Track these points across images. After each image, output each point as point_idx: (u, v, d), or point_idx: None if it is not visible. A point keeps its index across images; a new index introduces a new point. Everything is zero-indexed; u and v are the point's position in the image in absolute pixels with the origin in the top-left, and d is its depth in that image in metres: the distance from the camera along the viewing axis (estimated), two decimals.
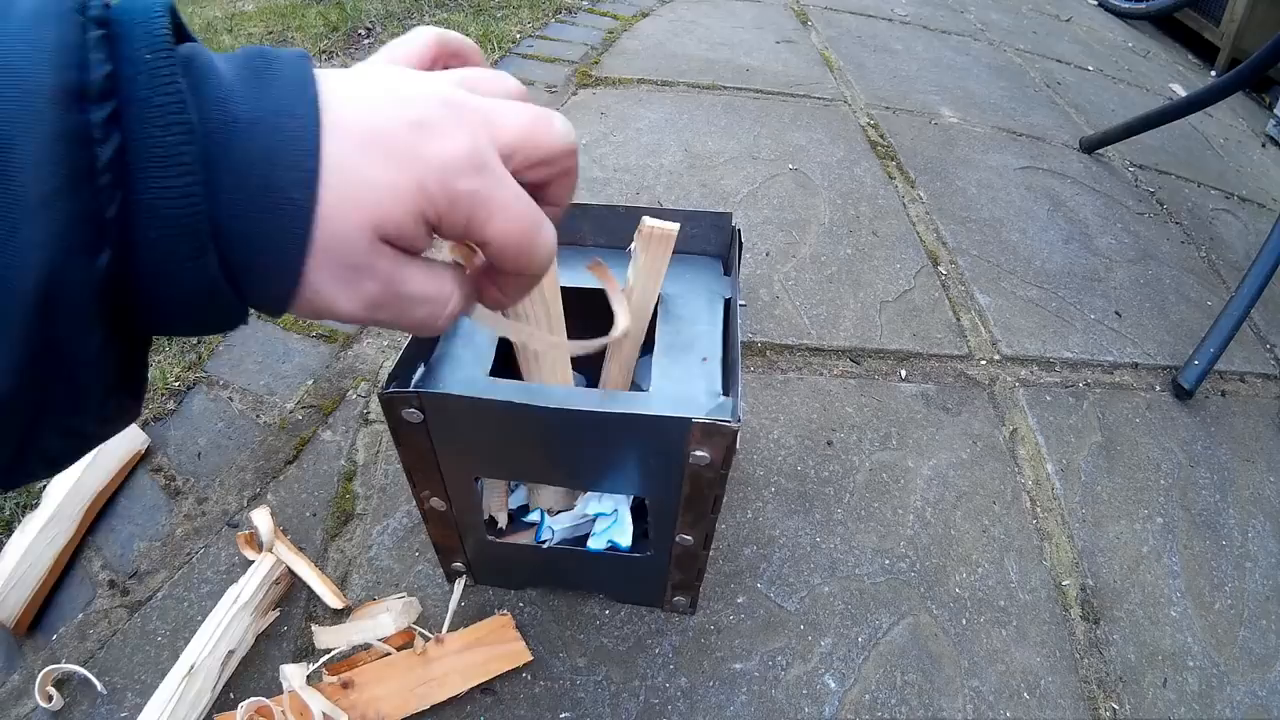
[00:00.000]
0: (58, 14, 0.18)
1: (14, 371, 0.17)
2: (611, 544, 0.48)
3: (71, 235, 0.17)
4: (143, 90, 0.19)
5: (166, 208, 0.19)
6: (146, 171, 0.19)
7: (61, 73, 0.17)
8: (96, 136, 0.18)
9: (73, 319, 0.18)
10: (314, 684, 0.48)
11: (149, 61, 0.19)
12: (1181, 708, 0.56)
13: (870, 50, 1.53)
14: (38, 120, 0.17)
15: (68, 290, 0.18)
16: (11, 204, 0.16)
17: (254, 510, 0.58)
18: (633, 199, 0.98)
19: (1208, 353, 0.81)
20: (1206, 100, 1.08)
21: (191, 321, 0.22)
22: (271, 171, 0.21)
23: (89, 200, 0.18)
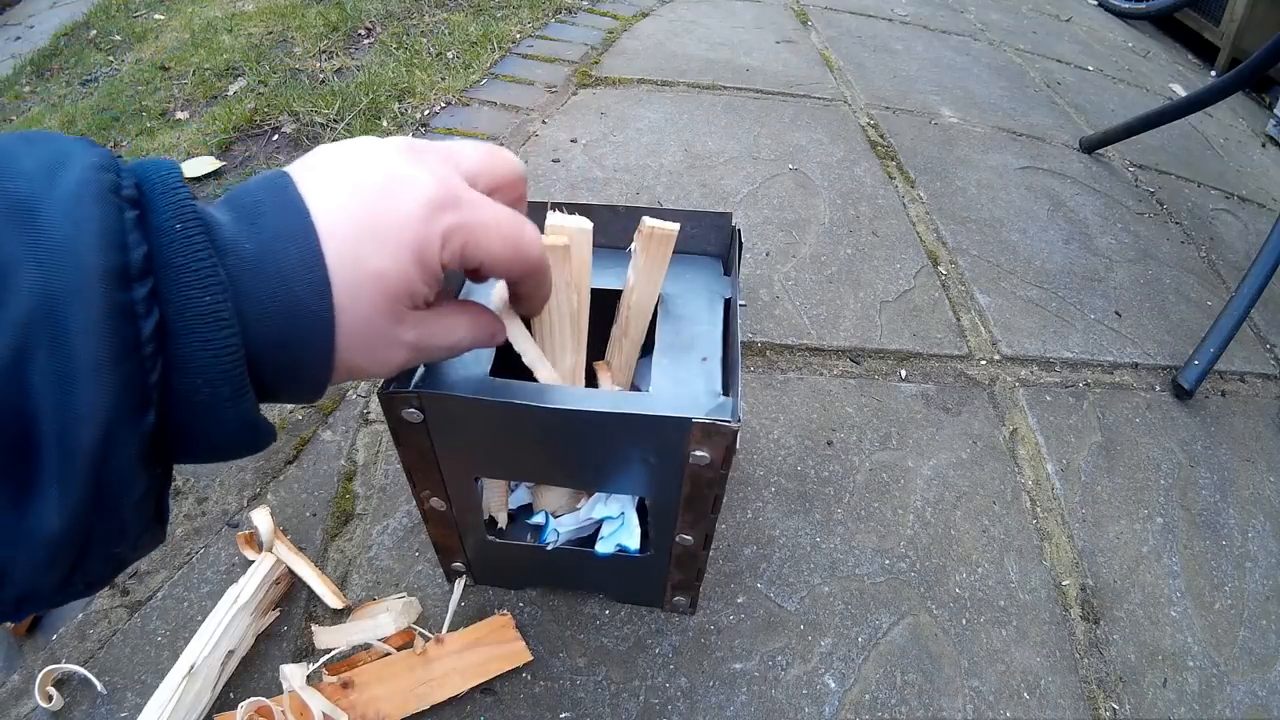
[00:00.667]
0: (98, 195, 0.20)
1: (73, 514, 0.19)
2: (620, 547, 0.48)
3: (122, 400, 0.19)
4: (179, 258, 0.21)
5: (209, 360, 0.21)
6: (190, 331, 0.21)
7: (107, 255, 0.19)
8: (140, 312, 0.20)
9: (122, 469, 0.20)
10: (314, 684, 0.48)
11: (180, 231, 0.21)
12: (1181, 708, 0.56)
13: (870, 50, 1.53)
14: (88, 299, 0.19)
15: (119, 446, 0.20)
16: (69, 372, 0.18)
17: (254, 510, 0.58)
18: (633, 199, 0.98)
19: (1208, 353, 0.81)
20: (1206, 100, 1.08)
21: (226, 452, 0.24)
22: (290, 292, 0.24)
23: (135, 369, 0.20)
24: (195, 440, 0.23)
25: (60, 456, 0.19)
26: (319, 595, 0.55)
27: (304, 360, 0.25)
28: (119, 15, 1.73)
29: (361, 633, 0.51)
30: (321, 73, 1.29)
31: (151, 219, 0.21)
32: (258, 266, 0.23)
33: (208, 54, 1.40)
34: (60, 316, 0.18)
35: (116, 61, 1.51)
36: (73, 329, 0.18)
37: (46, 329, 0.18)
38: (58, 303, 0.18)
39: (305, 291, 0.24)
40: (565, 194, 0.98)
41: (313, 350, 0.25)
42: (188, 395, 0.21)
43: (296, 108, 1.15)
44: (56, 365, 0.18)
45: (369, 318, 0.26)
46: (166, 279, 0.21)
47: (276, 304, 0.23)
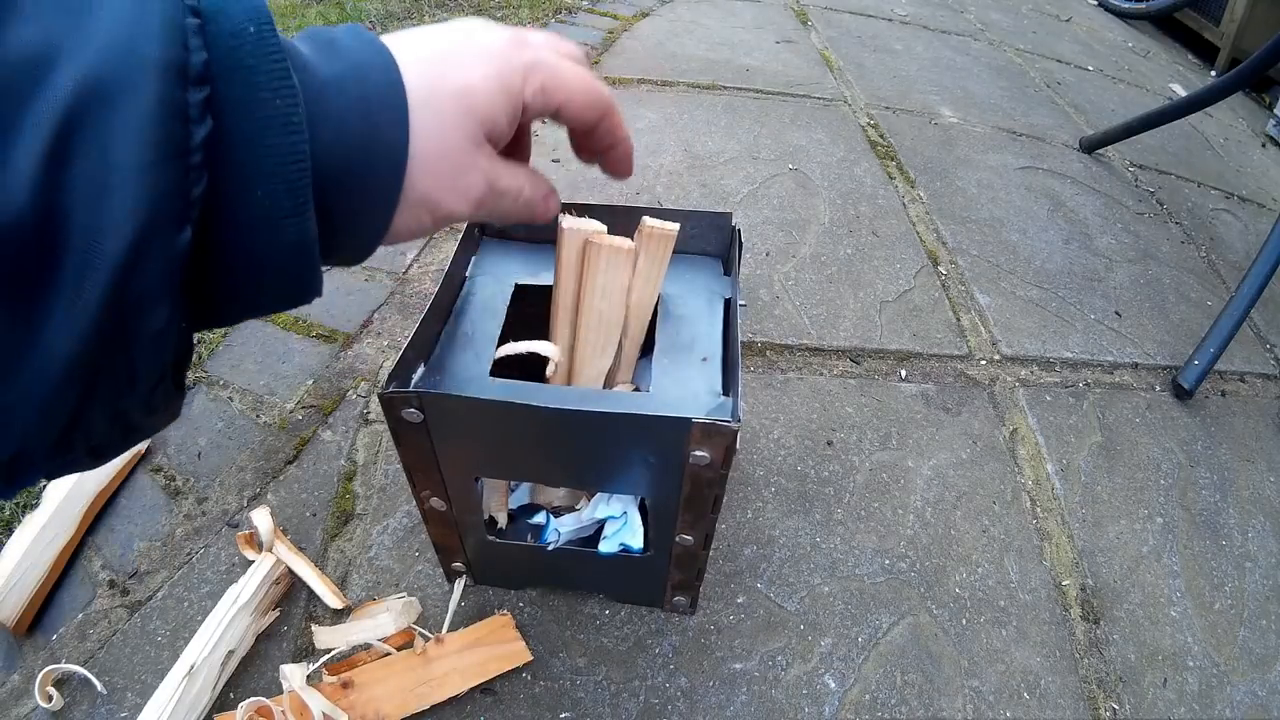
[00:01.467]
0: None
1: (83, 336, 0.17)
2: (624, 547, 0.48)
3: (161, 207, 0.18)
4: (250, 59, 0.19)
5: (273, 167, 0.20)
6: (256, 134, 0.19)
7: (166, 49, 0.18)
8: (193, 116, 0.18)
9: (146, 290, 0.18)
10: (314, 684, 0.48)
11: (254, 34, 0.20)
12: (1181, 708, 0.56)
13: (870, 50, 1.53)
14: (142, 89, 0.17)
15: (148, 260, 0.18)
16: (109, 168, 0.17)
17: (254, 510, 0.58)
18: (633, 199, 0.98)
19: (1208, 353, 0.81)
20: (1206, 100, 1.08)
21: (269, 291, 0.22)
22: (366, 116, 0.23)
23: (180, 176, 0.18)
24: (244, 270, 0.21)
25: (81, 263, 0.17)
26: (319, 595, 0.55)
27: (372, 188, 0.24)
28: None
29: (361, 633, 0.51)
30: None
31: (221, 24, 0.19)
32: (336, 86, 0.22)
33: None
34: (106, 107, 0.17)
35: None
36: (117, 122, 0.17)
37: (90, 120, 0.17)
38: (106, 91, 0.17)
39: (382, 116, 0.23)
40: (565, 194, 0.98)
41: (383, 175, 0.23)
42: (243, 209, 0.20)
43: None
44: (94, 160, 0.17)
45: (447, 135, 0.25)
46: (233, 81, 0.19)
47: (349, 126, 0.22)
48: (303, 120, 0.20)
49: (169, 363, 0.21)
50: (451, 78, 0.25)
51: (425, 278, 0.85)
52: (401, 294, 0.83)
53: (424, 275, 0.85)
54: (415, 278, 0.85)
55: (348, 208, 0.23)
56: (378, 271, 0.85)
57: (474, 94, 0.25)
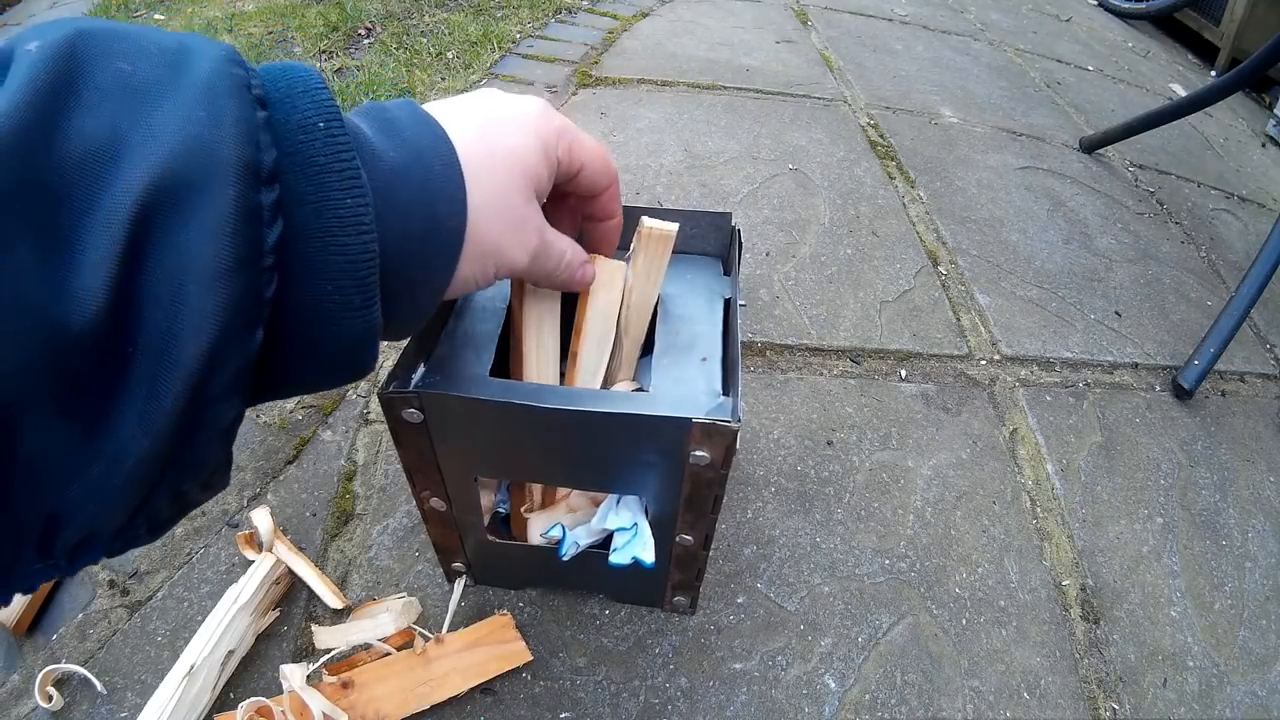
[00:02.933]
0: (233, 89, 0.17)
1: (155, 435, 0.17)
2: (635, 560, 0.47)
3: (236, 313, 0.17)
4: (321, 156, 0.19)
5: (343, 266, 0.20)
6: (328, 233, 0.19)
7: (241, 149, 0.17)
8: (266, 218, 0.18)
9: (219, 391, 0.18)
10: (314, 684, 0.48)
11: (324, 130, 0.19)
12: (1181, 708, 0.56)
13: (870, 50, 1.53)
14: (218, 192, 0.16)
15: (222, 365, 0.17)
16: (185, 272, 0.16)
17: (254, 510, 0.58)
18: (633, 199, 0.98)
19: (1208, 353, 0.81)
20: (1206, 100, 1.08)
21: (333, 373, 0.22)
22: (432, 209, 0.24)
23: (254, 280, 0.18)
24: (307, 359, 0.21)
25: (155, 370, 0.16)
26: (319, 595, 0.55)
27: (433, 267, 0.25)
28: (119, 15, 1.73)
29: (361, 633, 0.51)
30: (321, 72, 1.29)
31: (288, 118, 0.19)
32: (402, 176, 0.22)
33: None
34: (181, 209, 0.16)
35: None
36: (193, 226, 0.16)
37: (164, 223, 0.16)
38: (180, 193, 0.16)
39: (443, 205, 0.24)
40: None
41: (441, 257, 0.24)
42: (311, 306, 0.19)
43: None
44: (170, 264, 0.16)
45: (504, 190, 0.27)
46: (302, 178, 0.19)
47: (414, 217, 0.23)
48: (372, 219, 0.20)
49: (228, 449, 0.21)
50: (500, 142, 0.27)
51: None
52: None
53: None
54: None
55: (409, 286, 0.24)
56: None
57: (522, 154, 0.28)
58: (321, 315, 0.20)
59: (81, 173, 0.15)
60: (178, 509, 0.21)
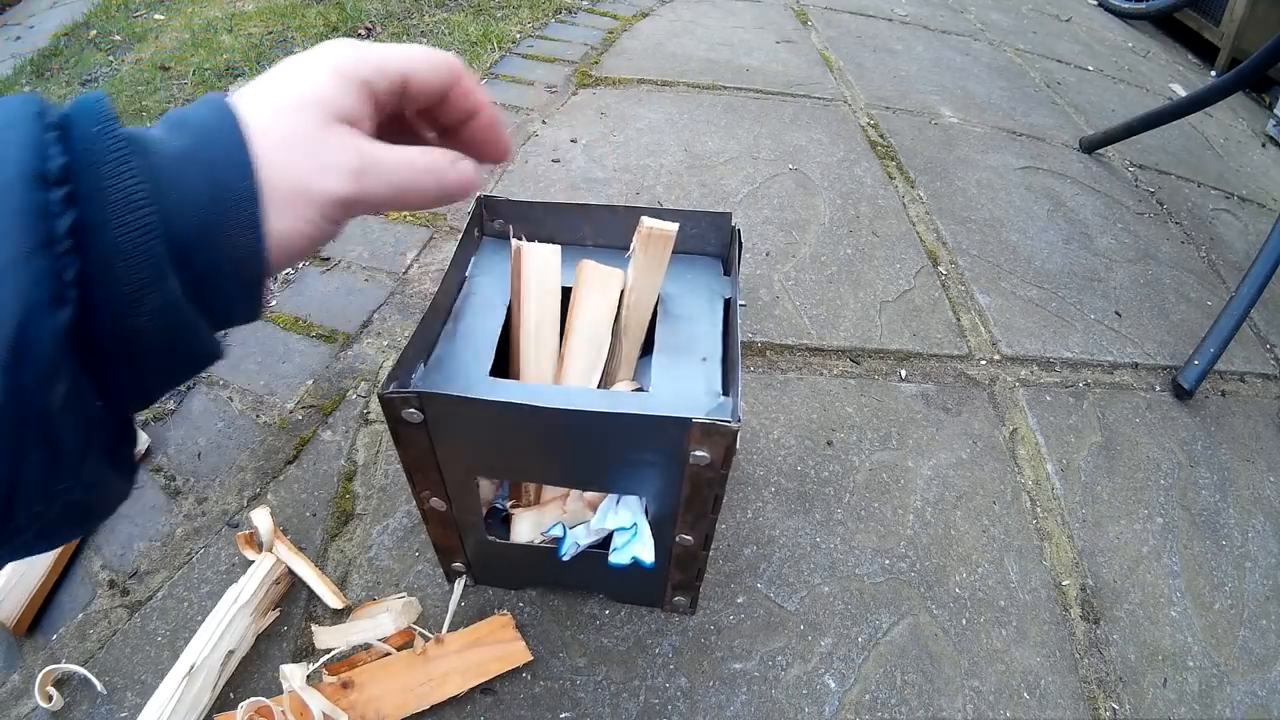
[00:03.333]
0: (21, 120, 0.22)
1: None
2: (634, 560, 0.47)
3: (36, 294, 0.20)
4: (95, 154, 0.22)
5: (127, 244, 0.22)
6: (108, 216, 0.22)
7: (23, 164, 0.21)
8: (55, 211, 0.21)
9: (40, 366, 0.21)
10: (314, 684, 0.48)
11: (98, 132, 0.23)
12: (1181, 708, 0.56)
13: (870, 50, 1.53)
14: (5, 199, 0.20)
15: (34, 342, 0.20)
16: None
17: (254, 510, 0.58)
18: (633, 199, 0.98)
19: (1208, 353, 0.81)
20: (1206, 100, 1.08)
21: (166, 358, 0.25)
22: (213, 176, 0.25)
23: (50, 264, 0.21)
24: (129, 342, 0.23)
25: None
26: (319, 595, 0.55)
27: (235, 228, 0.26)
28: (119, 15, 1.73)
29: (361, 633, 0.51)
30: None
31: (75, 132, 0.23)
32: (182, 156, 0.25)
33: (208, 54, 1.40)
34: None
35: (116, 61, 1.51)
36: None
37: None
38: None
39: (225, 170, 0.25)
40: (565, 194, 0.98)
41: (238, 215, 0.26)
42: (113, 286, 0.22)
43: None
44: None
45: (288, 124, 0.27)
46: (85, 178, 0.22)
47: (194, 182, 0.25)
48: (146, 196, 0.23)
49: (90, 436, 0.23)
50: (284, 84, 0.28)
51: (425, 278, 0.85)
52: (401, 294, 0.83)
53: (424, 275, 0.85)
54: (415, 278, 0.85)
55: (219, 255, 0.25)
56: (378, 272, 0.85)
57: (309, 87, 0.28)
58: (123, 296, 0.22)
59: None
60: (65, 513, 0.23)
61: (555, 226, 0.52)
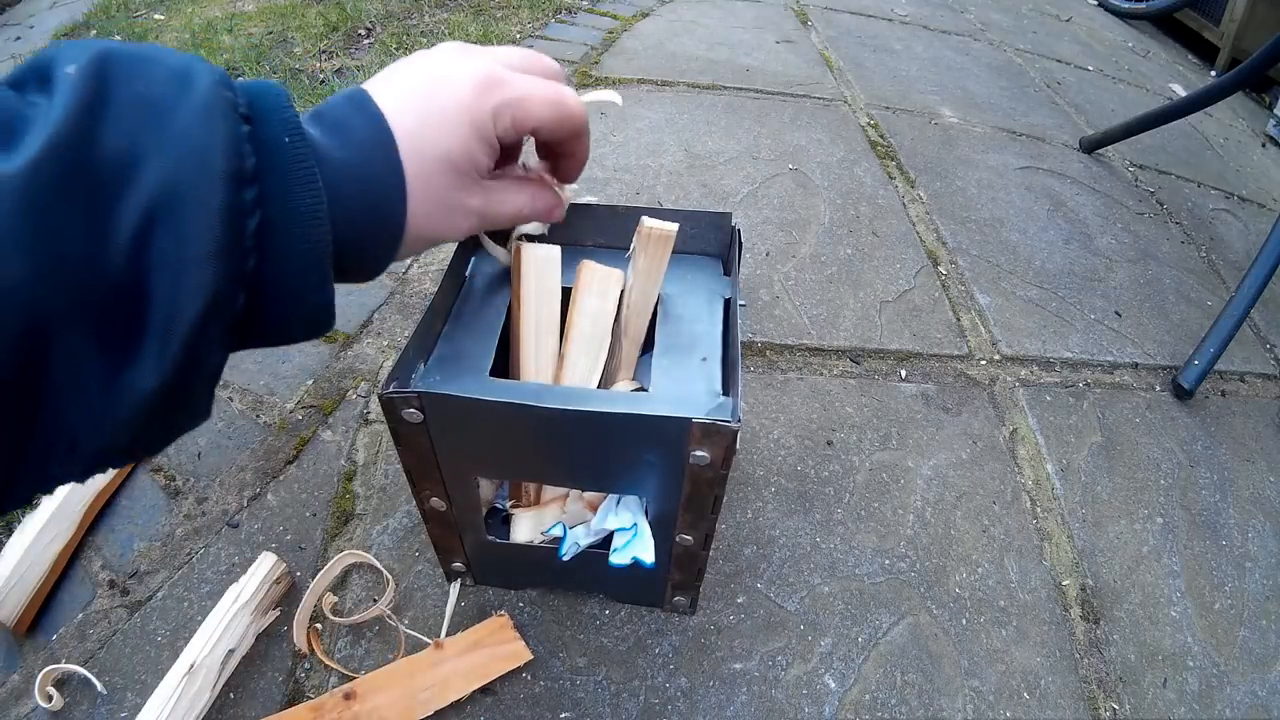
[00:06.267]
0: (224, 111, 0.23)
1: (165, 374, 0.22)
2: (635, 560, 0.47)
3: (222, 285, 0.22)
4: (287, 164, 0.24)
5: (305, 252, 0.25)
6: (292, 226, 0.24)
7: (230, 160, 0.22)
8: (247, 210, 0.23)
9: (210, 342, 0.23)
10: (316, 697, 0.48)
11: (289, 145, 0.25)
12: (1181, 708, 0.56)
13: (870, 50, 1.53)
14: (210, 192, 0.22)
15: (213, 322, 0.23)
16: (183, 252, 0.21)
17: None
18: (633, 199, 0.98)
19: (1208, 353, 0.81)
20: (1206, 100, 1.08)
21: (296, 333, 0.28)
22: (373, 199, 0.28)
23: (238, 258, 0.23)
24: (277, 322, 0.26)
25: (165, 325, 0.21)
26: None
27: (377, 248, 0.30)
28: (119, 15, 1.73)
29: None
30: (321, 73, 1.29)
31: (263, 132, 0.24)
32: (349, 173, 0.27)
33: (208, 54, 1.40)
34: (183, 205, 0.21)
35: None
36: (190, 218, 0.21)
37: (169, 216, 0.21)
38: (182, 193, 0.21)
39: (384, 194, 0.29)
40: None
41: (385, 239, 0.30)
42: (282, 282, 0.25)
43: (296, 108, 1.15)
44: (174, 245, 0.21)
45: (434, 189, 0.30)
46: (274, 183, 0.24)
47: (360, 205, 0.28)
48: (326, 214, 0.25)
49: (213, 386, 0.26)
50: (432, 141, 0.30)
51: (425, 278, 0.85)
52: (401, 294, 0.83)
53: (424, 275, 0.85)
54: (415, 278, 0.85)
55: (359, 263, 0.29)
56: None
57: (453, 153, 0.31)
58: (289, 290, 0.25)
59: (112, 170, 0.20)
60: (166, 433, 0.26)
61: (555, 226, 0.52)
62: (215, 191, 0.22)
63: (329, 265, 0.26)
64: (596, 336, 0.46)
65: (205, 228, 0.21)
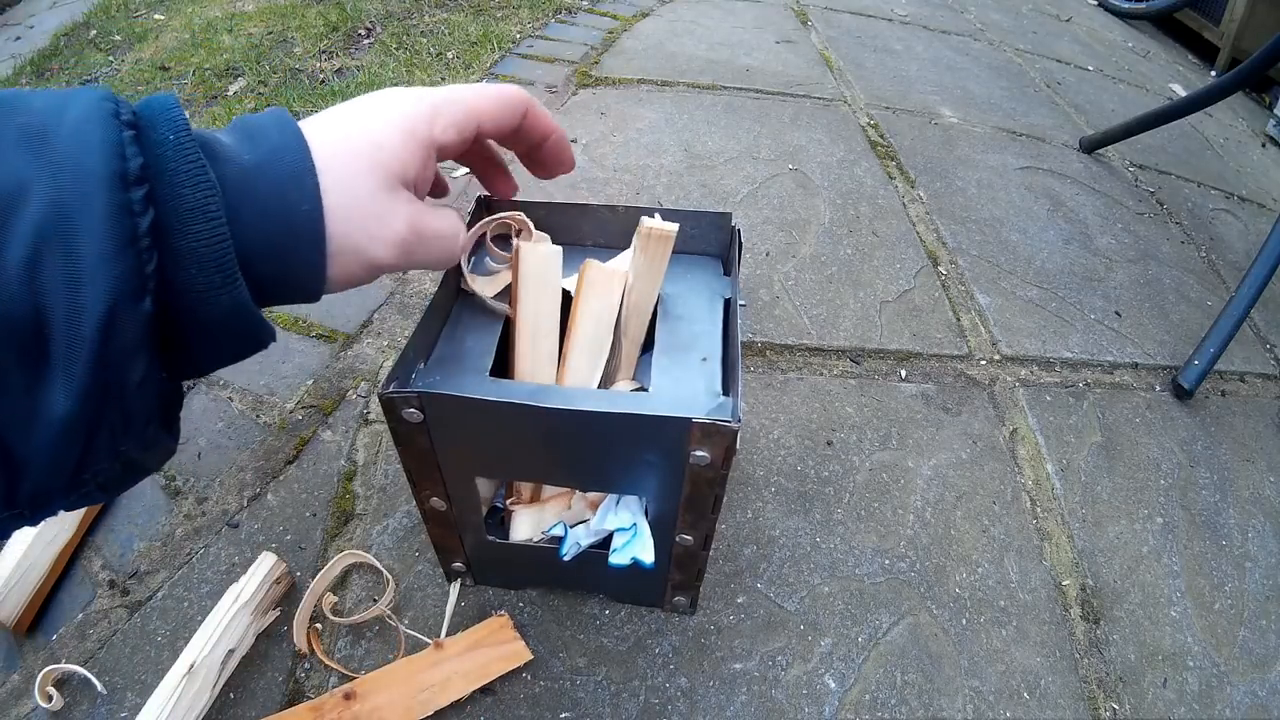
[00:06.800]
0: (101, 119, 0.23)
1: (79, 394, 0.21)
2: (634, 560, 0.47)
3: (122, 287, 0.22)
4: (171, 162, 0.24)
5: (201, 250, 0.24)
6: (183, 223, 0.24)
7: (108, 162, 0.22)
8: (137, 210, 0.22)
9: (123, 351, 0.22)
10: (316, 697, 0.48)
11: (173, 141, 0.24)
12: (1181, 708, 0.56)
13: (870, 50, 1.53)
14: (93, 201, 0.21)
15: (120, 329, 0.22)
16: (78, 265, 0.21)
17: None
18: (633, 199, 0.98)
19: (1208, 353, 0.81)
20: (1206, 100, 1.08)
21: (226, 346, 0.27)
22: (284, 198, 0.27)
23: (134, 260, 0.22)
24: (197, 332, 0.25)
25: (68, 341, 0.21)
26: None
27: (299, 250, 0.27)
28: (119, 15, 1.73)
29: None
30: (321, 73, 1.29)
31: (149, 135, 0.24)
32: (256, 172, 0.26)
33: (208, 54, 1.40)
34: (68, 219, 0.21)
35: (116, 61, 1.51)
36: (80, 229, 0.21)
37: (57, 232, 0.21)
38: (67, 207, 0.21)
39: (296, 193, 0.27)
40: (565, 194, 0.98)
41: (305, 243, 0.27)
42: (185, 284, 0.24)
43: (296, 108, 1.15)
44: (65, 263, 0.21)
45: (358, 187, 0.28)
46: (161, 182, 0.23)
47: (270, 206, 0.26)
48: (220, 209, 0.24)
49: (155, 407, 0.25)
50: (358, 138, 0.29)
51: (425, 278, 0.85)
52: (401, 294, 0.83)
53: (424, 275, 0.85)
54: (415, 278, 0.85)
55: (282, 269, 0.27)
56: None
57: (380, 148, 0.29)
58: (194, 293, 0.24)
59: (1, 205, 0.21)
60: (124, 469, 0.25)
61: (555, 226, 0.52)
62: (98, 196, 0.21)
63: (232, 264, 0.25)
64: (599, 337, 0.46)
65: (93, 234, 0.21)
